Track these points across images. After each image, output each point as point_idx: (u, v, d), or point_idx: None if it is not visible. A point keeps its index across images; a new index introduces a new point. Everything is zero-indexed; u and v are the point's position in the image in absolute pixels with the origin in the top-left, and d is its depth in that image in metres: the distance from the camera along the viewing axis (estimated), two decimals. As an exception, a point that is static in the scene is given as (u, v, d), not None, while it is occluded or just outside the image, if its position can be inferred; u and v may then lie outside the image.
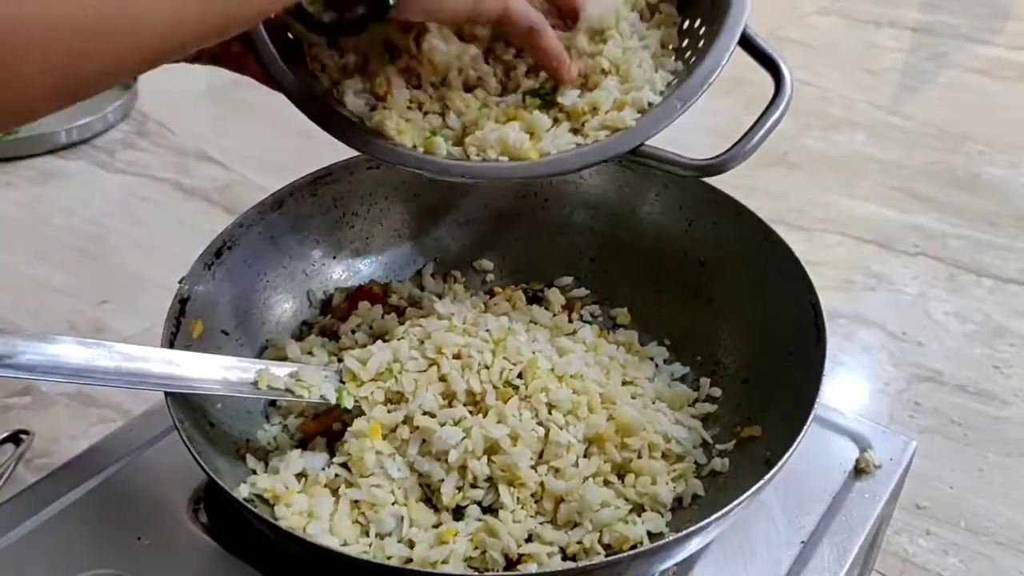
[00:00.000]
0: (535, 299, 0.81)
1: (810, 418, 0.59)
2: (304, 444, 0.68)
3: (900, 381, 1.20)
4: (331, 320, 0.78)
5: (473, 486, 0.62)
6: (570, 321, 0.78)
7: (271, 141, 1.59)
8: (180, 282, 0.69)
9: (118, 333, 1.22)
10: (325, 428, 0.67)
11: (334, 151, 0.80)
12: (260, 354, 0.75)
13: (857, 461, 0.76)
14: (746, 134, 0.61)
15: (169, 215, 1.47)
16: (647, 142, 0.62)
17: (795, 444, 0.57)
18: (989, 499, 1.03)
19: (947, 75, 1.99)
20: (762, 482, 0.55)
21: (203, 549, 0.68)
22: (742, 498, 0.54)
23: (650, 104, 0.64)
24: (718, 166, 0.59)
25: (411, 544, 0.60)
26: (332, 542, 0.59)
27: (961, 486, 1.05)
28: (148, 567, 0.67)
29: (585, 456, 0.65)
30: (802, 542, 0.70)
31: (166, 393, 0.60)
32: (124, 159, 1.58)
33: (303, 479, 0.64)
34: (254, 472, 0.65)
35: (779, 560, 0.69)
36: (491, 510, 0.63)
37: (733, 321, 0.76)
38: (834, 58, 2.03)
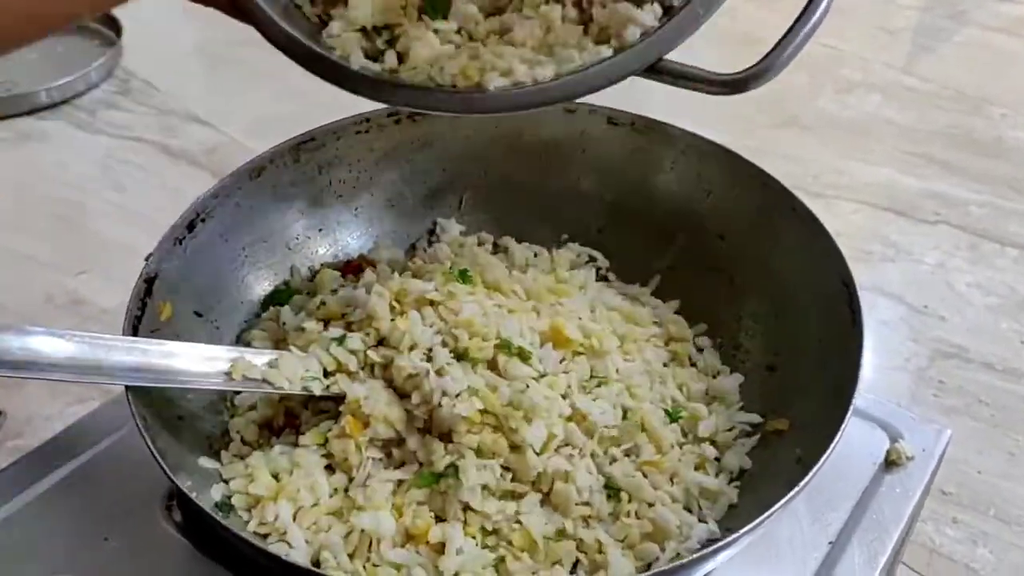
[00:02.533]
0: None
1: (848, 414, 0.53)
2: (278, 434, 0.62)
3: (922, 358, 1.14)
4: (317, 299, 0.71)
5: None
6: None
7: (263, 101, 1.52)
8: (146, 259, 0.63)
9: (97, 305, 1.17)
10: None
11: (331, 113, 0.74)
12: (238, 337, 0.69)
13: (888, 452, 0.70)
14: (782, 41, 0.52)
15: (153, 179, 1.41)
16: (666, 56, 0.54)
17: (833, 444, 0.51)
18: (1020, 484, 0.98)
19: (965, 34, 1.91)
20: (796, 489, 0.49)
21: (176, 552, 0.62)
22: (774, 508, 0.48)
23: (668, 8, 0.56)
24: (750, 80, 0.52)
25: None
26: (307, 557, 0.53)
27: (990, 471, 1.00)
28: (115, 571, 0.61)
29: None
30: (829, 542, 0.65)
31: (127, 387, 0.53)
32: (106, 119, 1.51)
33: (282, 479, 0.57)
34: (223, 477, 0.59)
35: (805, 562, 0.63)
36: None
37: (756, 301, 0.70)
38: (847, 16, 1.94)
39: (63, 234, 1.29)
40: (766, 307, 0.69)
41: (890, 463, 0.70)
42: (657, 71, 0.54)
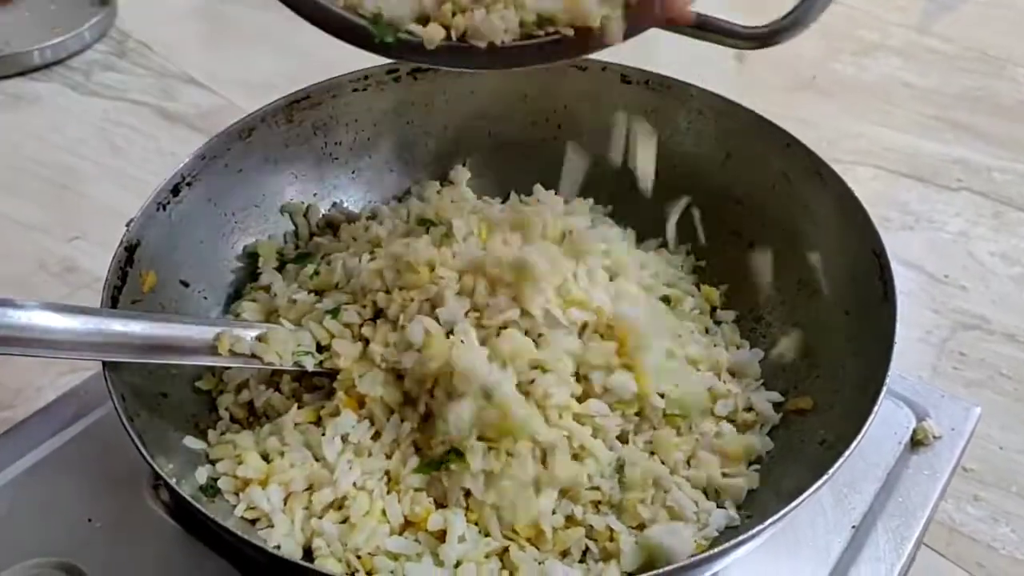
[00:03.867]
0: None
1: (881, 396, 0.49)
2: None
3: (943, 329, 1.10)
4: (312, 266, 0.67)
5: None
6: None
7: (263, 63, 1.47)
8: (127, 226, 0.59)
9: (91, 273, 1.13)
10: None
11: (332, 74, 0.70)
12: (227, 309, 0.65)
13: (914, 432, 0.67)
14: None
15: (148, 143, 1.37)
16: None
17: (865, 428, 0.47)
18: (1044, 462, 0.94)
19: (987, -8, 1.85)
20: (825, 477, 0.46)
21: (164, 533, 0.59)
22: (802, 497, 0.45)
23: None
24: (781, 32, 0.48)
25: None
26: (298, 545, 0.49)
27: (1012, 447, 0.96)
28: (99, 554, 0.58)
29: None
30: (853, 526, 0.61)
31: (104, 363, 0.50)
32: (101, 81, 1.47)
33: (272, 460, 0.54)
34: (209, 458, 0.56)
35: (828, 548, 0.60)
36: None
37: (778, 271, 0.66)
38: (865, -26, 1.88)
39: (56, 198, 1.25)
40: (788, 277, 0.65)
41: (916, 443, 0.67)
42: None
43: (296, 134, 0.69)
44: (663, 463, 0.55)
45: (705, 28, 0.51)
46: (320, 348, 0.57)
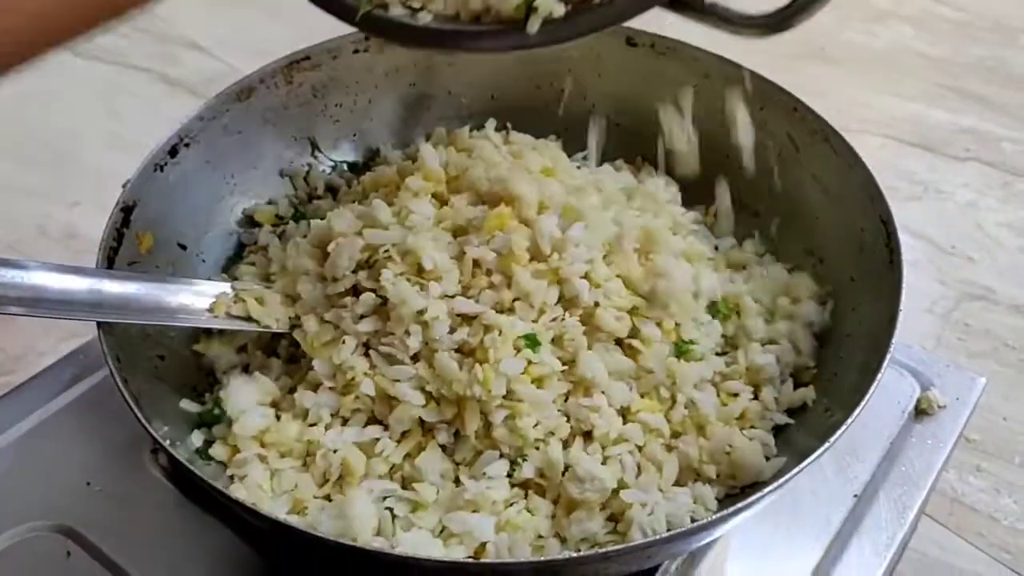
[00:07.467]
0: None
1: (884, 365, 0.48)
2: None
3: (948, 300, 1.09)
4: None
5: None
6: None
7: (267, 29, 1.46)
8: (124, 186, 0.58)
9: (91, 239, 1.11)
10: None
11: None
12: (225, 270, 0.64)
13: (918, 401, 0.66)
14: None
15: (150, 109, 1.36)
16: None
17: (865, 399, 0.47)
18: (1047, 433, 0.94)
19: (1001, -41, 1.82)
20: (826, 445, 0.45)
21: (162, 498, 0.59)
22: (801, 466, 0.44)
23: None
24: (787, 19, 0.46)
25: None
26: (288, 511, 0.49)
27: (1015, 418, 0.96)
28: (98, 518, 0.58)
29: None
30: (855, 495, 0.61)
31: (98, 323, 0.49)
32: (102, 45, 1.46)
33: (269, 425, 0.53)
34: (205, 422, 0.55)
35: (828, 517, 0.60)
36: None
37: (783, 238, 0.65)
38: (877, -59, 1.85)
39: (57, 164, 1.24)
40: (794, 244, 0.64)
41: (920, 412, 0.66)
42: (683, 4, 0.49)
43: (296, 96, 0.68)
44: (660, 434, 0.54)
45: (712, 12, 0.50)
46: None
